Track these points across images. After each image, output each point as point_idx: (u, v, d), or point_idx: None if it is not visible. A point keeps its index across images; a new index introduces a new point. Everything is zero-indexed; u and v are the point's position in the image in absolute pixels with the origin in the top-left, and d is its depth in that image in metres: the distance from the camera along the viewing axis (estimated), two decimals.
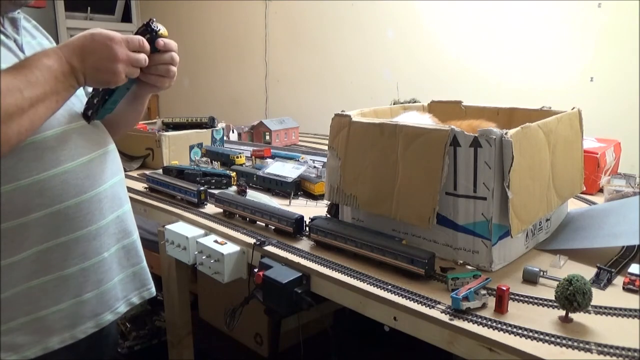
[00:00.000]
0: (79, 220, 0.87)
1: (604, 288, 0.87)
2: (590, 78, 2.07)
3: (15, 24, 0.88)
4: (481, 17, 2.34)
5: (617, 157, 1.57)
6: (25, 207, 0.81)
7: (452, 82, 2.45)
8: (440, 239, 1.00)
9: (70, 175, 0.85)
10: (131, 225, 1.01)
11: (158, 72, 0.92)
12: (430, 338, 0.81)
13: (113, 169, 0.97)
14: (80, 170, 0.87)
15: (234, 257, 1.14)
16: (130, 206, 1.03)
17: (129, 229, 1.00)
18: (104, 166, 0.94)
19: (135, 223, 1.04)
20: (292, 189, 1.48)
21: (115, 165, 0.99)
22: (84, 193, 0.87)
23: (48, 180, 0.83)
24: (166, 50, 0.91)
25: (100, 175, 0.92)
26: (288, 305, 0.99)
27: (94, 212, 0.90)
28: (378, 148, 1.04)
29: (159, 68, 0.91)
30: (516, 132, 0.91)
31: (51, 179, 0.83)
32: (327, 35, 2.99)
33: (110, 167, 0.96)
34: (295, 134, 2.49)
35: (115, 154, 1.00)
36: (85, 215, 0.88)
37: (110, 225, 0.94)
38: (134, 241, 1.01)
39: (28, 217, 0.81)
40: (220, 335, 2.03)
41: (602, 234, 1.03)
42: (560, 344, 0.71)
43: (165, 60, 0.91)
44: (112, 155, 0.98)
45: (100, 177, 0.91)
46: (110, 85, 0.84)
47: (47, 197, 0.83)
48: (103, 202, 0.91)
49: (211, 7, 3.68)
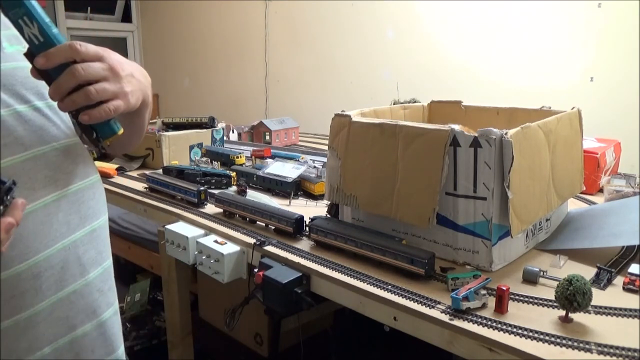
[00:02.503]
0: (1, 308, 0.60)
1: (604, 288, 0.87)
2: (590, 78, 2.07)
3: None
4: (481, 17, 2.34)
5: (617, 157, 1.57)
6: None
7: (452, 82, 2.45)
8: (440, 239, 1.00)
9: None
10: (98, 297, 0.70)
11: (73, 104, 0.60)
12: (430, 338, 0.81)
13: (74, 221, 0.67)
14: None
15: (234, 257, 1.14)
16: (105, 269, 0.72)
17: (92, 307, 0.69)
18: (52, 221, 0.64)
19: (114, 290, 0.74)
20: (292, 189, 1.48)
21: (85, 212, 0.69)
22: (7, 268, 0.60)
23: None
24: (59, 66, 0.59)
25: (42, 237, 0.62)
26: (288, 305, 0.99)
27: (26, 293, 0.61)
28: (378, 148, 1.04)
29: (74, 98, 0.60)
30: (516, 132, 0.91)
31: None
32: (327, 35, 2.99)
33: (70, 217, 0.66)
34: (295, 134, 2.49)
35: (88, 194, 0.70)
36: (10, 300, 0.60)
37: (57, 307, 0.65)
38: (103, 322, 0.71)
39: None
40: (220, 335, 2.02)
41: (602, 234, 1.03)
42: (560, 344, 0.71)
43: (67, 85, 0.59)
44: (81, 196, 0.68)
45: (41, 241, 0.62)
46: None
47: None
48: (43, 276, 0.63)
49: (211, 7, 3.68)
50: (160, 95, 4.36)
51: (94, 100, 0.60)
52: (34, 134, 0.63)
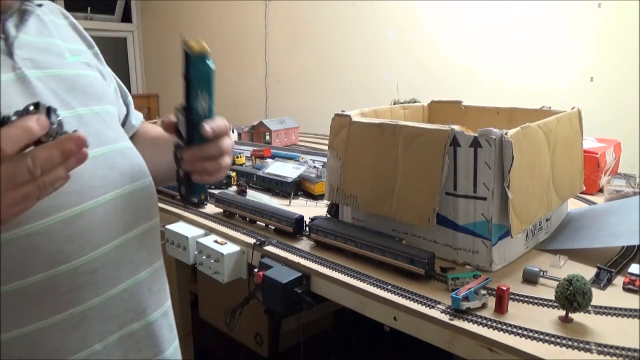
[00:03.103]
0: (53, 302, 0.61)
1: (604, 288, 0.87)
2: (590, 78, 2.06)
3: (23, 19, 0.68)
4: (481, 17, 2.34)
5: (617, 157, 1.57)
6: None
7: (452, 82, 2.45)
8: (440, 239, 1.00)
9: (40, 238, 0.59)
10: (149, 297, 0.72)
11: (203, 169, 0.68)
12: (430, 338, 0.81)
13: (130, 220, 0.69)
14: (59, 230, 0.61)
15: (233, 257, 1.14)
16: (156, 270, 0.75)
17: (142, 307, 0.71)
18: (110, 219, 0.66)
19: (164, 291, 0.77)
20: (292, 189, 1.48)
21: (140, 212, 0.71)
22: (64, 263, 0.61)
23: (2, 248, 0.57)
24: (215, 137, 0.66)
25: (101, 234, 0.65)
26: (288, 305, 0.99)
27: (83, 288, 0.63)
28: (378, 148, 1.04)
29: (206, 165, 0.68)
30: (516, 132, 0.91)
31: (6, 247, 0.57)
32: (327, 35, 2.99)
33: (127, 217, 0.69)
34: (295, 134, 2.49)
35: (143, 195, 0.72)
36: (65, 295, 0.62)
37: (109, 304, 0.67)
38: (149, 325, 0.72)
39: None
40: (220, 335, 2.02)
41: (602, 234, 1.03)
42: (560, 344, 0.71)
43: (211, 153, 0.67)
44: (137, 197, 0.71)
45: (100, 237, 0.65)
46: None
47: (2, 271, 0.58)
48: (100, 271, 0.65)
49: (211, 7, 3.68)
50: (160, 95, 4.36)
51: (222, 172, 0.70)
52: (93, 135, 0.66)
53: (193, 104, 0.62)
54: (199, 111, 0.63)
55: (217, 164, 0.68)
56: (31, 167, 0.48)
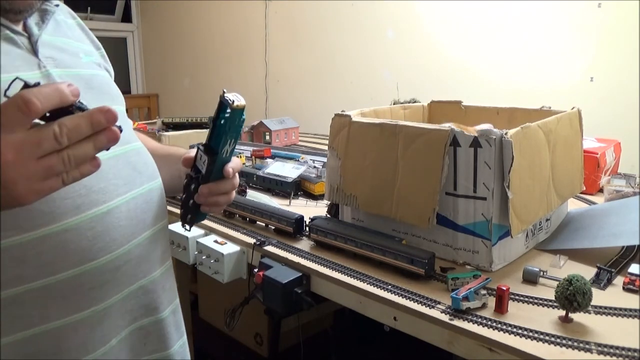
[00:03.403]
0: (79, 299, 0.62)
1: (604, 288, 0.87)
2: (590, 78, 2.06)
3: (43, 18, 0.69)
4: (481, 17, 2.34)
5: (617, 157, 1.57)
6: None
7: (452, 82, 2.45)
8: (440, 239, 1.00)
9: (72, 234, 0.60)
10: (162, 294, 0.74)
11: (215, 202, 0.72)
12: (430, 338, 0.81)
13: (148, 219, 0.71)
14: (90, 227, 0.61)
15: (233, 257, 1.14)
16: (167, 268, 0.76)
17: (155, 304, 0.73)
18: (132, 216, 0.67)
19: (174, 289, 0.78)
20: (292, 189, 1.48)
21: (155, 211, 0.72)
22: (92, 260, 0.62)
23: (34, 244, 0.57)
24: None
25: (124, 231, 0.66)
26: (288, 305, 0.99)
27: (106, 285, 0.64)
28: (378, 148, 1.04)
29: (219, 199, 0.72)
30: (516, 132, 0.91)
31: (39, 242, 0.58)
32: (327, 35, 2.99)
33: (145, 215, 0.70)
34: (295, 134, 2.49)
35: (157, 194, 0.74)
36: (90, 292, 0.63)
37: (127, 300, 0.69)
38: (161, 320, 0.75)
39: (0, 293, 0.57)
40: (220, 335, 2.03)
41: (602, 234, 1.03)
42: (560, 344, 0.71)
43: (227, 189, 0.72)
44: (153, 196, 0.72)
45: (123, 234, 0.65)
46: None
47: (32, 267, 0.58)
48: (122, 269, 0.66)
49: (211, 7, 3.68)
50: (160, 95, 4.36)
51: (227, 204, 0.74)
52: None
53: (221, 149, 0.66)
54: (223, 155, 0.67)
55: (227, 198, 0.73)
56: (57, 133, 0.45)
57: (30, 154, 0.45)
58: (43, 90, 0.45)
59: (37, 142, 0.45)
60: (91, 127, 0.47)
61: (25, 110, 0.44)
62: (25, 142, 0.44)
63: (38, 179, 0.46)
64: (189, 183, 0.71)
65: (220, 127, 0.64)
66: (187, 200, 0.72)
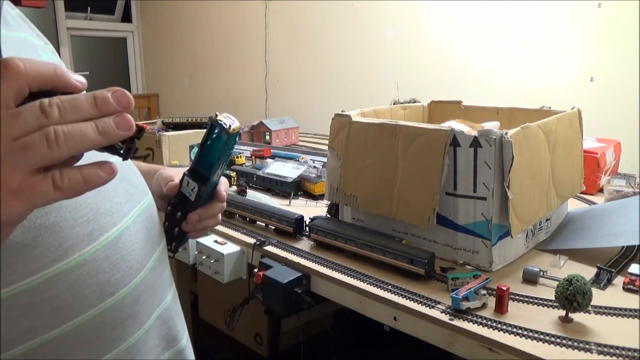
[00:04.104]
0: (100, 343, 0.52)
1: (604, 288, 0.87)
2: (590, 78, 2.07)
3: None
4: (481, 17, 2.34)
5: (617, 157, 1.57)
6: (5, 337, 0.45)
7: (452, 82, 2.45)
8: (440, 239, 1.00)
9: (88, 268, 0.49)
10: (177, 321, 0.66)
11: (204, 227, 0.66)
12: (430, 338, 0.81)
13: (154, 237, 0.61)
14: (105, 257, 0.51)
15: (234, 257, 1.14)
16: (174, 290, 0.67)
17: (176, 330, 0.65)
18: (141, 237, 0.57)
19: (182, 315, 0.70)
20: (292, 189, 1.48)
21: (157, 228, 0.64)
22: (112, 295, 0.51)
23: (46, 287, 0.46)
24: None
25: (137, 256, 0.55)
26: (288, 305, 0.99)
27: (127, 321, 0.54)
28: (378, 148, 1.04)
29: (208, 223, 0.66)
30: (516, 132, 0.91)
31: (52, 284, 0.47)
32: (327, 35, 2.99)
33: (150, 234, 0.60)
34: (295, 134, 2.49)
35: (154, 208, 0.64)
36: (111, 332, 0.52)
37: (149, 334, 0.58)
38: (182, 350, 0.66)
39: (7, 354, 0.46)
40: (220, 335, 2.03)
41: (602, 234, 1.03)
42: (560, 344, 0.71)
43: (216, 212, 0.66)
44: (152, 212, 0.63)
45: (137, 260, 0.55)
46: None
47: (45, 315, 0.47)
48: (141, 299, 0.56)
49: (211, 7, 3.68)
50: (160, 95, 4.36)
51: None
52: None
53: (212, 175, 0.61)
54: (214, 179, 0.62)
55: (216, 220, 0.67)
56: (45, 102, 0.34)
57: (5, 130, 0.33)
58: (32, 60, 0.34)
59: (15, 113, 0.33)
60: (94, 106, 0.36)
61: (3, 72, 0.33)
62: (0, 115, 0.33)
63: (14, 168, 0.33)
64: (173, 211, 0.66)
65: (214, 154, 0.59)
66: (172, 228, 0.67)
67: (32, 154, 0.33)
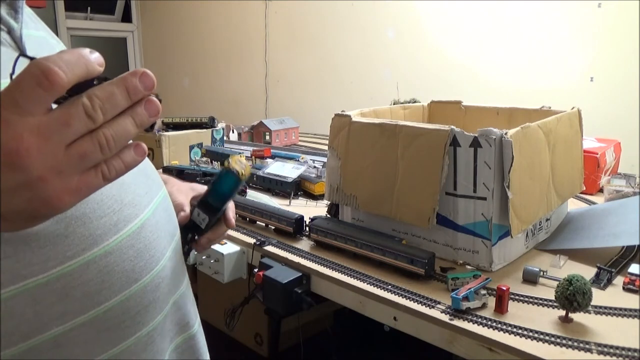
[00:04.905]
0: (125, 327, 0.54)
1: (604, 288, 0.87)
2: (590, 78, 2.07)
3: (15, 8, 0.53)
4: (481, 17, 2.34)
5: (617, 157, 1.57)
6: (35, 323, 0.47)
7: (452, 82, 2.45)
8: (440, 239, 1.00)
9: (115, 257, 0.52)
10: (190, 308, 0.68)
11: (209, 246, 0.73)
12: (430, 338, 0.81)
13: (170, 228, 0.63)
14: (130, 245, 0.53)
15: (234, 257, 1.14)
16: (187, 278, 0.70)
17: (189, 316, 0.67)
18: (160, 228, 0.59)
19: (195, 302, 0.72)
20: (292, 189, 1.48)
21: (173, 219, 0.65)
22: (136, 282, 0.54)
23: (79, 273, 0.49)
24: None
25: (158, 245, 0.58)
26: (288, 305, 0.99)
27: (149, 307, 0.57)
28: (378, 148, 1.04)
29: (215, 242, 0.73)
30: (516, 132, 0.91)
31: (83, 271, 0.49)
32: (327, 35, 2.99)
33: (168, 225, 0.62)
34: (295, 134, 2.49)
35: (169, 200, 0.66)
36: (135, 317, 0.55)
37: (167, 318, 0.61)
38: (194, 335, 0.69)
39: (40, 337, 0.47)
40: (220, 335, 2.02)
41: (602, 234, 1.03)
42: (560, 344, 0.71)
43: (224, 233, 0.73)
44: (167, 204, 0.65)
45: (158, 249, 0.58)
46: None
47: (77, 300, 0.49)
48: (161, 286, 0.58)
49: (211, 7, 3.68)
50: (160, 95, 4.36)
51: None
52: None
53: (222, 208, 0.68)
54: (223, 209, 0.69)
55: (222, 238, 0.74)
56: (89, 106, 0.35)
57: (59, 139, 0.35)
58: (65, 57, 0.35)
59: (64, 122, 0.35)
60: (127, 96, 0.37)
61: (46, 84, 0.33)
62: (50, 125, 0.34)
63: (72, 172, 0.36)
64: (184, 234, 0.70)
65: (226, 195, 0.66)
66: (183, 246, 0.70)
67: (88, 160, 0.37)
